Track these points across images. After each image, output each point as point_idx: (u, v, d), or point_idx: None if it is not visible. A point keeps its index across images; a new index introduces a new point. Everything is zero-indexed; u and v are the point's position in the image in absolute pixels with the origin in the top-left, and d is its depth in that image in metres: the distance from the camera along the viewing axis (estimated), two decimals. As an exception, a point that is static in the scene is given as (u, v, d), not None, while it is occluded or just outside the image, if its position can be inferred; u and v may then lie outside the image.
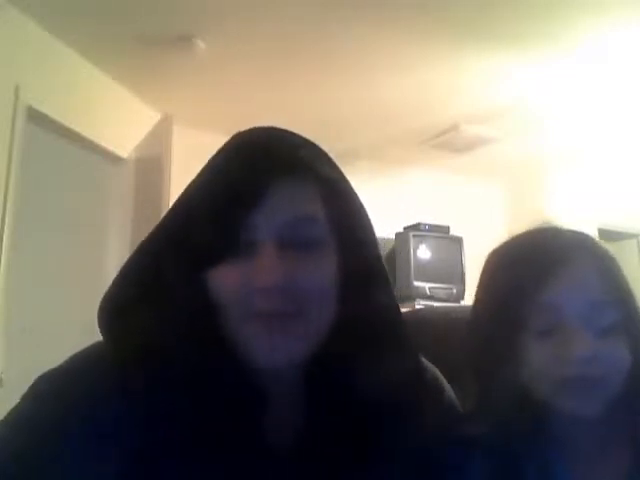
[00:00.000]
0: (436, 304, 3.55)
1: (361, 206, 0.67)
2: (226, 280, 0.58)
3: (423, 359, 0.74)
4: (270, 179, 0.59)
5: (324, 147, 0.68)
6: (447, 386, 0.76)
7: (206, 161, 0.67)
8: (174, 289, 0.60)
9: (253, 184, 0.58)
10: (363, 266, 0.65)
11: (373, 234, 0.68)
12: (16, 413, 0.57)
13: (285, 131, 0.66)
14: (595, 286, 0.69)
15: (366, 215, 0.67)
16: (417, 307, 3.41)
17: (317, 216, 0.61)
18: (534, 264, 0.70)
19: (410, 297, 3.70)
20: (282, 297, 0.57)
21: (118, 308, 0.63)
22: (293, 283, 0.58)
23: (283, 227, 0.59)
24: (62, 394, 0.57)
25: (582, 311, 0.68)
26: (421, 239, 4.06)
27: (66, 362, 0.61)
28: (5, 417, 0.58)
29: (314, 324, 0.60)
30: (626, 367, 0.68)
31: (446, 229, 4.22)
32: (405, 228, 4.11)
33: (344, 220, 0.64)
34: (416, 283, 3.83)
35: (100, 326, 0.63)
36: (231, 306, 0.59)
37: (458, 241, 4.17)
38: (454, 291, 3.94)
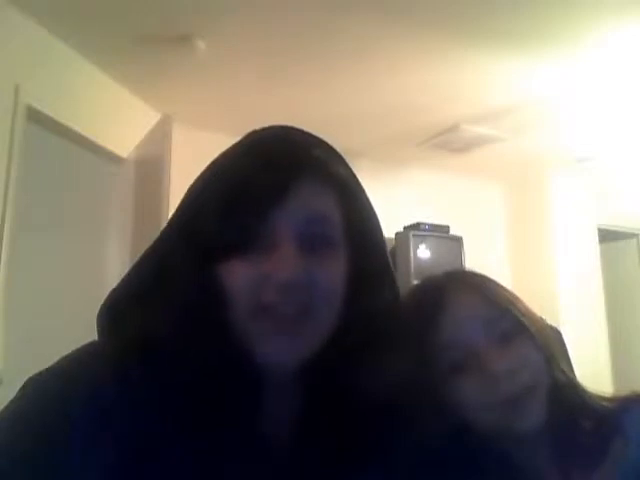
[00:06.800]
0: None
1: (371, 207, 0.68)
2: (240, 273, 0.58)
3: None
4: (289, 177, 0.59)
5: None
6: None
7: (206, 161, 0.66)
8: (179, 284, 0.60)
9: (272, 182, 0.58)
10: (370, 267, 0.66)
11: (382, 235, 0.69)
12: (7, 414, 0.57)
13: (300, 130, 0.67)
14: (481, 307, 0.75)
15: (375, 216, 0.68)
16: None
17: (332, 216, 0.62)
18: (423, 314, 0.76)
19: (410, 297, 3.70)
20: (298, 294, 0.58)
21: (118, 305, 0.63)
22: (308, 282, 0.58)
23: (302, 225, 0.59)
24: (53, 394, 0.57)
25: (479, 335, 0.73)
26: (421, 239, 4.06)
27: (56, 362, 0.61)
28: None
29: (321, 324, 0.60)
30: (542, 367, 0.73)
31: (446, 229, 4.23)
32: (405, 228, 4.11)
33: (355, 221, 0.64)
34: (416, 282, 3.82)
35: (98, 321, 0.63)
36: (241, 299, 0.58)
37: (458, 241, 4.18)
38: (454, 291, 3.94)
